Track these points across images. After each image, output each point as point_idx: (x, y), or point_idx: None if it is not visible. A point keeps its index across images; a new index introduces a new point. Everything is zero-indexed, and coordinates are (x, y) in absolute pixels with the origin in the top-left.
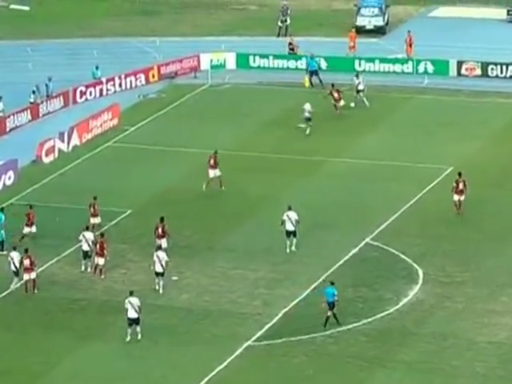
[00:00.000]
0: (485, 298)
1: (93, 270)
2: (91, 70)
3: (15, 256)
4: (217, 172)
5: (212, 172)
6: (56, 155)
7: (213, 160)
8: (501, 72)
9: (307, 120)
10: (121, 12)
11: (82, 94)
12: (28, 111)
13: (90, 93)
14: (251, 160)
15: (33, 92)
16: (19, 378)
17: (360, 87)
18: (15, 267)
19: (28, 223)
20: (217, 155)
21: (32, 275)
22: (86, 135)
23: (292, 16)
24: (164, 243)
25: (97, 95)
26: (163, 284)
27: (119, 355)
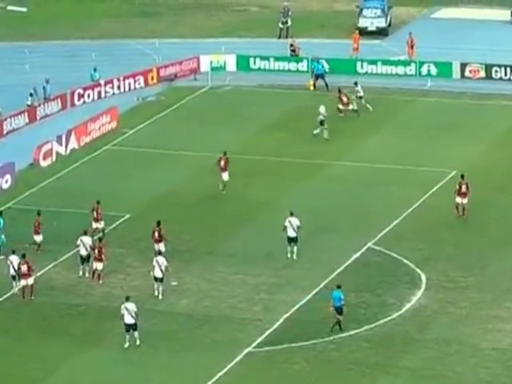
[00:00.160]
0: (489, 304)
1: (91, 275)
2: (89, 72)
3: (14, 260)
4: (225, 175)
5: (224, 174)
6: (54, 158)
7: (224, 162)
8: (505, 74)
9: (321, 123)
10: (120, 13)
11: (80, 97)
12: (25, 114)
13: (89, 95)
14: (252, 163)
15: (30, 94)
16: None
17: (359, 94)
18: (14, 271)
19: (37, 230)
20: (228, 157)
21: (29, 281)
22: (85, 138)
23: (293, 17)
24: (162, 247)
25: (95, 98)
26: (162, 289)
27: (118, 361)
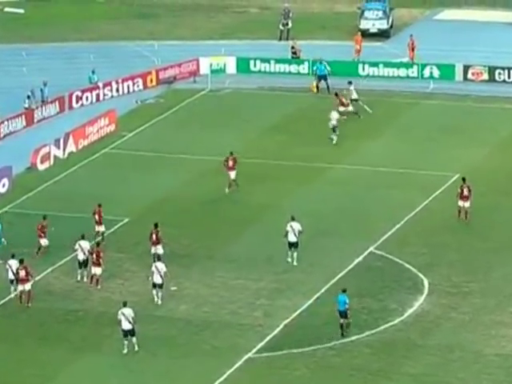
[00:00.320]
0: (492, 309)
1: (89, 280)
2: (88, 75)
3: (13, 264)
4: (233, 174)
5: (232, 173)
6: (51, 162)
7: (232, 161)
8: (508, 77)
9: (333, 129)
10: (118, 15)
11: (78, 99)
12: (23, 117)
13: (87, 98)
14: (252, 166)
15: (27, 97)
16: None
17: (353, 97)
18: (13, 275)
19: (42, 235)
20: (235, 157)
21: (27, 286)
22: (83, 141)
23: (294, 19)
24: (160, 250)
25: (93, 100)
26: (162, 295)
27: (116, 367)
